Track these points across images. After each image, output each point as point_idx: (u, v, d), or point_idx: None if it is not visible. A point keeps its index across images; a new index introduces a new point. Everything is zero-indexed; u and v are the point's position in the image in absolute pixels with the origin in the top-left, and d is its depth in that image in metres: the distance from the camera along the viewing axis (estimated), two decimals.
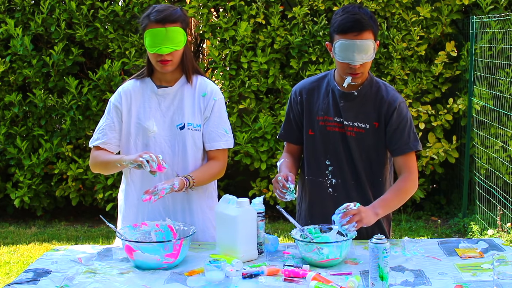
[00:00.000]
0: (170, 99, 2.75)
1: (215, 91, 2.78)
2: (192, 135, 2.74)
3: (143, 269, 2.42)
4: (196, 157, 2.76)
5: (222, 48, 6.00)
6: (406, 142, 2.64)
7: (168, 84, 2.76)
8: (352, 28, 2.53)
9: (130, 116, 2.76)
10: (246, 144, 5.88)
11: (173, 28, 2.63)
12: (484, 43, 5.64)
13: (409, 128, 2.66)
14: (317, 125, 2.73)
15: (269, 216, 6.29)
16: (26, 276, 2.36)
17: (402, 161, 2.66)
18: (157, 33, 2.62)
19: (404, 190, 2.63)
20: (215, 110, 2.76)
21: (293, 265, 2.40)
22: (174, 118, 2.74)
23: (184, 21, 2.69)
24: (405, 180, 2.63)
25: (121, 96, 2.77)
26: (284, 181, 2.55)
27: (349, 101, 2.68)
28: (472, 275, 2.32)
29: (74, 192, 6.20)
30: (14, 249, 5.50)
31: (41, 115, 6.14)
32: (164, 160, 2.58)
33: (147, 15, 2.67)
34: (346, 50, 2.54)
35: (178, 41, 2.64)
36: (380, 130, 2.67)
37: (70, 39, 6.20)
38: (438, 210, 6.39)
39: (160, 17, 2.62)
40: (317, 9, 5.95)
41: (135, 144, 2.76)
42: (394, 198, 2.61)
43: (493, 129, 5.55)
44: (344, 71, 2.61)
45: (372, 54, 2.58)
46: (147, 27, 2.65)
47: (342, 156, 2.71)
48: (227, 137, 2.78)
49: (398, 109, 2.65)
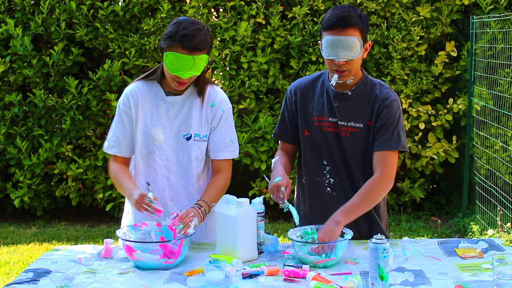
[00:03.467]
0: (179, 107, 2.69)
1: (224, 101, 2.74)
2: (198, 146, 2.70)
3: (143, 269, 2.42)
4: (200, 166, 2.75)
5: (222, 48, 6.00)
6: (388, 140, 2.61)
7: (178, 92, 2.69)
8: (337, 24, 2.53)
9: (137, 122, 2.70)
10: (246, 144, 5.88)
11: (200, 56, 2.54)
12: (484, 43, 5.64)
13: (395, 127, 2.63)
14: (313, 125, 2.73)
15: (269, 216, 6.30)
16: (26, 276, 2.36)
17: (378, 158, 2.63)
18: (183, 59, 2.52)
19: (371, 193, 2.61)
20: (222, 120, 2.72)
21: (293, 265, 2.40)
22: (181, 128, 2.69)
23: (210, 46, 2.60)
24: (374, 182, 2.61)
25: (129, 100, 2.70)
26: (280, 195, 2.56)
27: (343, 101, 2.68)
28: (472, 275, 2.32)
29: (74, 192, 6.20)
30: (14, 249, 5.50)
31: (41, 115, 6.14)
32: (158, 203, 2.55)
33: (173, 35, 2.53)
34: (331, 46, 2.55)
35: (200, 67, 2.57)
36: (372, 128, 2.67)
37: (70, 39, 6.19)
38: (438, 210, 6.38)
39: (190, 45, 2.51)
40: (317, 9, 5.95)
41: (140, 151, 2.72)
42: (359, 204, 2.59)
43: (493, 129, 5.55)
44: (330, 67, 2.62)
45: (359, 52, 2.56)
46: (172, 48, 2.53)
47: (337, 156, 2.71)
48: (232, 147, 2.75)
49: (389, 106, 2.63)
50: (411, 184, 6.07)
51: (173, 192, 2.75)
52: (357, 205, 2.59)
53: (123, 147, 2.74)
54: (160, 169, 2.72)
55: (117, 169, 2.73)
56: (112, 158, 2.78)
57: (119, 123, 2.73)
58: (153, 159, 2.71)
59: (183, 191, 2.75)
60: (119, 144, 2.73)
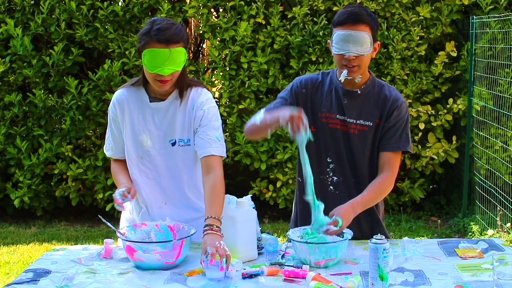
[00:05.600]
0: (163, 113, 2.67)
1: (205, 101, 2.67)
2: (183, 150, 2.68)
3: (143, 269, 2.42)
4: (191, 170, 2.72)
5: (222, 48, 6.00)
6: (397, 141, 2.67)
7: (162, 97, 2.67)
8: (348, 19, 2.58)
9: (125, 128, 2.72)
10: (246, 144, 5.88)
11: (177, 49, 2.52)
12: (484, 43, 5.64)
13: (403, 129, 2.68)
14: (319, 121, 2.73)
15: (269, 216, 6.30)
16: (26, 276, 2.36)
17: (387, 158, 2.67)
18: (160, 54, 2.50)
19: (383, 189, 2.66)
20: (204, 120, 2.65)
21: (293, 265, 2.40)
22: (167, 133, 2.68)
23: (186, 39, 2.60)
24: (386, 178, 2.64)
25: (115, 107, 2.71)
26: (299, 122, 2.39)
27: (352, 99, 2.69)
28: (472, 275, 2.32)
29: (74, 192, 6.20)
30: (14, 249, 5.50)
31: (41, 115, 6.14)
32: (126, 194, 2.56)
33: (147, 32, 2.53)
34: (342, 41, 2.57)
35: (180, 61, 2.55)
36: (380, 127, 2.69)
37: (70, 39, 6.20)
38: (438, 210, 6.39)
39: (164, 37, 2.49)
40: (317, 9, 5.95)
41: (131, 156, 2.73)
42: (373, 197, 2.63)
43: (493, 129, 5.55)
44: (340, 63, 2.63)
45: (369, 48, 2.59)
46: (148, 45, 2.51)
47: (343, 154, 2.72)
48: (218, 144, 2.63)
49: (399, 108, 2.67)
50: (411, 184, 6.07)
51: (166, 195, 2.74)
52: (372, 199, 2.63)
53: (116, 150, 2.78)
54: (151, 173, 2.72)
55: (115, 167, 2.80)
56: (112, 158, 2.84)
57: (110, 128, 2.78)
58: (144, 164, 2.72)
59: (176, 194, 2.74)
60: (113, 148, 2.79)
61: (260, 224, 2.64)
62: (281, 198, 6.00)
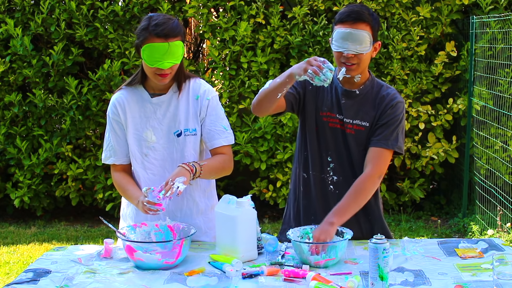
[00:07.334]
0: (165, 106, 2.71)
1: (208, 90, 2.75)
2: (189, 140, 2.71)
3: (143, 269, 2.43)
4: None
5: (222, 48, 6.01)
6: (386, 138, 2.64)
7: (162, 91, 2.72)
8: (348, 17, 2.58)
9: (127, 127, 2.73)
10: (246, 144, 5.88)
11: (175, 43, 2.58)
12: (484, 43, 5.65)
13: (395, 127, 2.65)
14: (321, 120, 2.74)
15: (269, 216, 6.30)
16: (26, 276, 2.37)
17: (372, 154, 2.64)
18: (159, 48, 2.55)
19: (362, 191, 2.61)
20: (210, 109, 2.72)
21: (293, 265, 2.40)
22: (171, 126, 2.71)
23: (183, 33, 2.65)
24: (365, 179, 2.61)
25: (116, 107, 2.73)
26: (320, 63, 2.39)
27: (350, 99, 2.70)
28: (472, 275, 2.32)
29: (74, 192, 6.20)
30: (14, 249, 5.50)
31: (41, 115, 6.14)
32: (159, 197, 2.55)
33: (145, 28, 2.59)
34: (341, 38, 2.58)
35: (179, 55, 2.61)
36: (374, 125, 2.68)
37: (70, 39, 6.20)
38: (438, 210, 6.39)
39: (163, 31, 2.56)
40: (317, 9, 5.95)
41: (135, 156, 2.74)
42: (350, 203, 2.59)
43: (493, 129, 5.55)
44: (338, 60, 2.63)
45: (368, 47, 2.59)
46: (147, 40, 2.58)
47: (343, 154, 2.72)
48: (226, 133, 2.74)
49: (394, 107, 2.66)
50: (411, 184, 6.07)
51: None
52: (349, 204, 2.59)
53: (119, 154, 2.77)
54: (156, 169, 2.73)
55: (120, 178, 2.77)
56: (112, 167, 2.81)
57: (112, 132, 2.77)
58: (148, 161, 2.73)
59: None
60: (116, 153, 2.77)
61: (260, 224, 2.65)
62: (281, 198, 6.00)
